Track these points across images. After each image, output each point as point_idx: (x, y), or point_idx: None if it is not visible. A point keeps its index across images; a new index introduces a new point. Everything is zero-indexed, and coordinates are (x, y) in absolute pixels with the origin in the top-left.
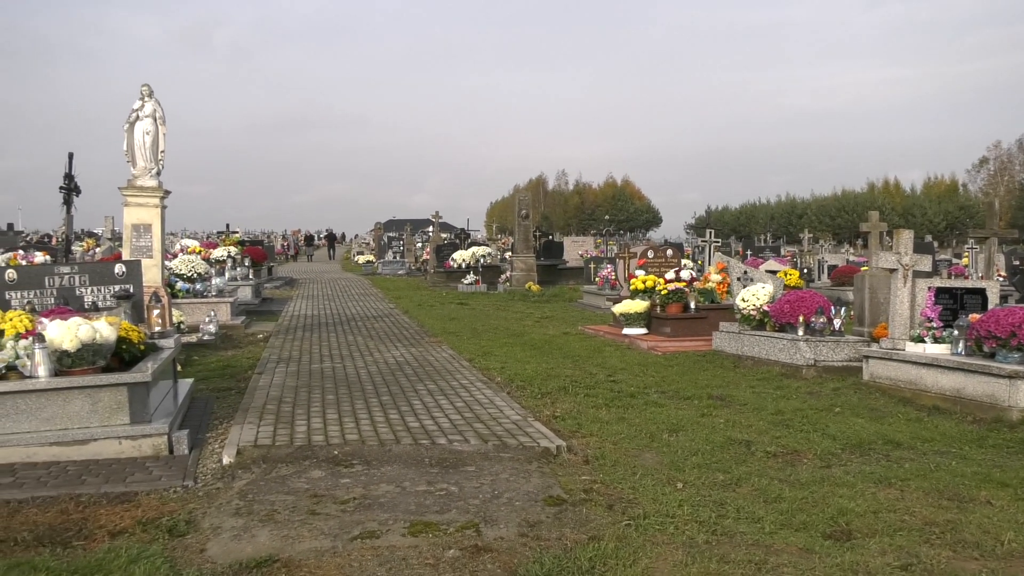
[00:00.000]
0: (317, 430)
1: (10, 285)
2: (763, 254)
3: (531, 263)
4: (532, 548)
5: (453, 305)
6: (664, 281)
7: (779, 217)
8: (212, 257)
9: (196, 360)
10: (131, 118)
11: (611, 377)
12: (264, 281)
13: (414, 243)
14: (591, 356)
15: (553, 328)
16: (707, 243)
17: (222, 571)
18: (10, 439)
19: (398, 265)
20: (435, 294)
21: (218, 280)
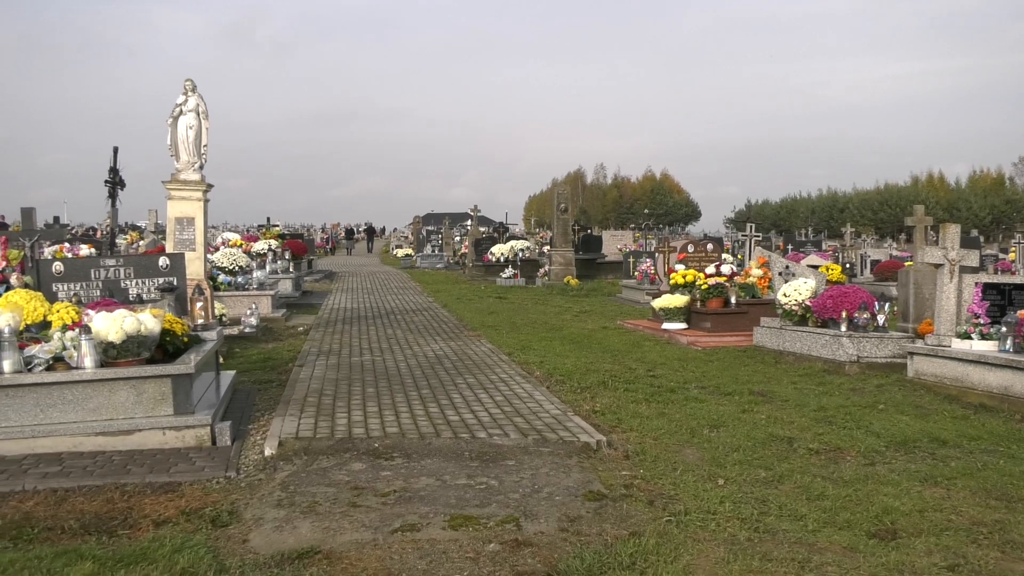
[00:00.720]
0: (357, 423)
1: (57, 277)
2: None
3: (569, 257)
4: (572, 543)
5: (491, 299)
6: (704, 276)
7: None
8: (253, 250)
9: (238, 352)
10: (175, 112)
11: (651, 372)
12: (304, 274)
13: (452, 237)
14: (630, 351)
15: (592, 322)
16: (747, 237)
17: (264, 562)
18: (57, 428)
19: (436, 259)
20: (473, 288)
21: (259, 273)
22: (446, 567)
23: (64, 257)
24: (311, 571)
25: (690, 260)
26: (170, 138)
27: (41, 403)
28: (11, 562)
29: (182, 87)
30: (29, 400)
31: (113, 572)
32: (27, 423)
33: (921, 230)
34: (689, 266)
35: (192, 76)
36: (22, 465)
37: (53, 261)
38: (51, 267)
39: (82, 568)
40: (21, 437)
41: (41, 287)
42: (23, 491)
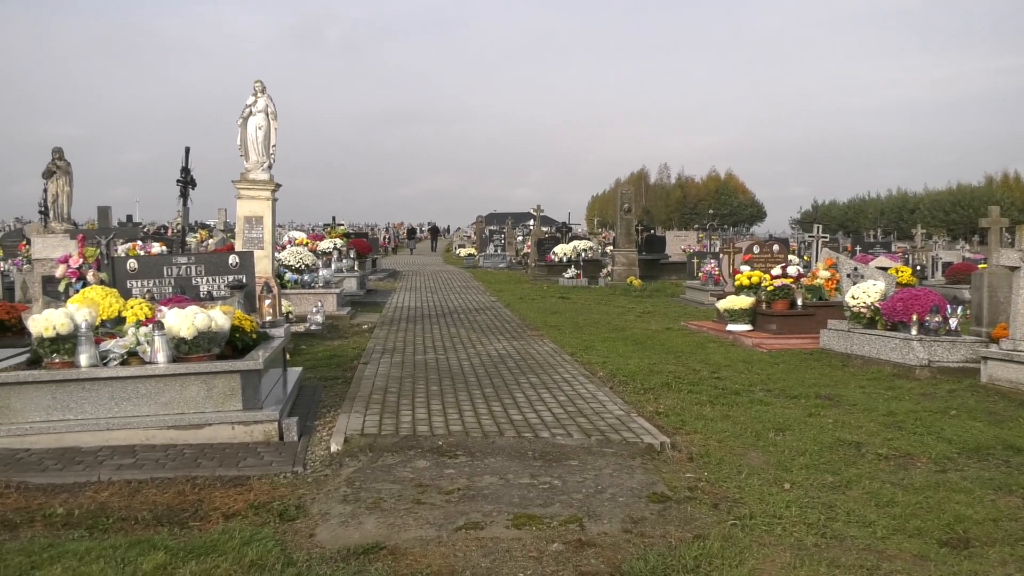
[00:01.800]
0: (422, 420)
1: (131, 274)
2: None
3: (633, 257)
4: (636, 545)
5: (554, 299)
6: (770, 277)
7: (889, 212)
8: (319, 249)
9: (304, 349)
10: (244, 113)
11: (715, 374)
12: (368, 273)
13: (515, 236)
14: (694, 352)
15: (655, 323)
16: (814, 238)
17: (331, 556)
18: (131, 422)
19: (499, 258)
20: (536, 287)
21: (325, 271)
22: (509, 566)
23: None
24: (376, 566)
25: (756, 261)
26: (240, 138)
27: (116, 396)
28: (87, 551)
29: (252, 88)
30: (104, 393)
31: (184, 563)
32: (102, 416)
33: (996, 232)
34: (754, 267)
35: (262, 77)
36: (98, 456)
37: (127, 259)
38: (126, 264)
39: (155, 558)
40: (97, 429)
41: (116, 284)
42: (99, 482)
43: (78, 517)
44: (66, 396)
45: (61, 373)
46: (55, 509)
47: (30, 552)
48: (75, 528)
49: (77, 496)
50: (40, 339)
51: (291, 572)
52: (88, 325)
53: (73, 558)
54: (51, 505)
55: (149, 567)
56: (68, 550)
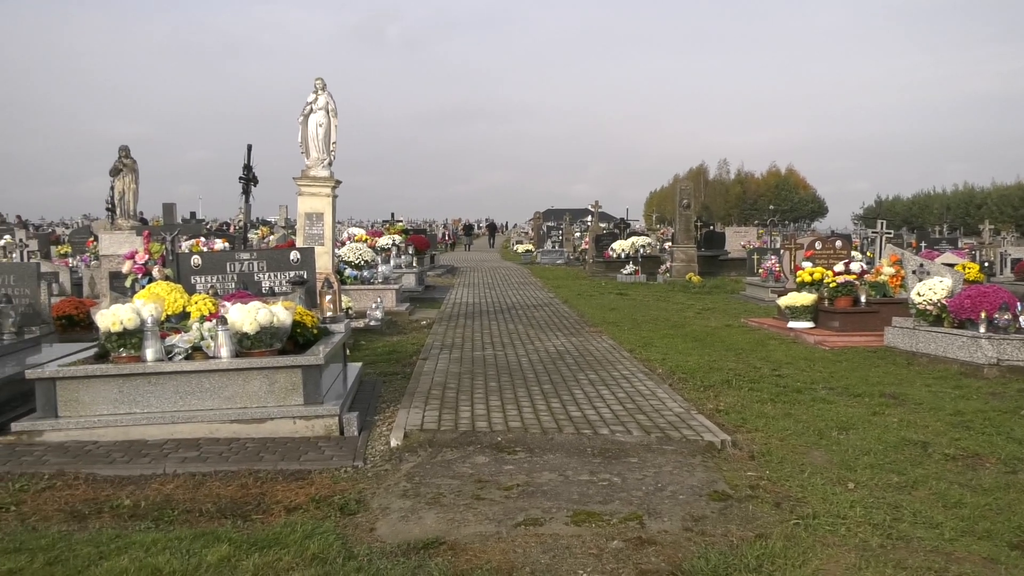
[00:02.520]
0: (480, 416)
1: (195, 270)
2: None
3: (692, 253)
4: (697, 543)
5: (612, 295)
6: (832, 273)
7: (955, 208)
8: (378, 245)
9: (363, 345)
10: (305, 111)
11: (776, 371)
12: (427, 269)
13: (572, 232)
14: (755, 349)
15: (715, 320)
16: (878, 234)
17: (391, 551)
18: (195, 415)
19: (557, 254)
20: (594, 284)
21: (384, 268)
22: (569, 562)
23: (200, 251)
24: (436, 561)
25: (817, 257)
26: (301, 135)
27: (180, 390)
28: (154, 542)
29: (312, 86)
30: (170, 387)
31: (248, 555)
32: (167, 409)
33: None
34: (816, 263)
35: (323, 75)
36: (163, 449)
37: (191, 255)
38: (190, 260)
39: (219, 550)
40: (162, 422)
41: (180, 279)
42: (164, 474)
43: (144, 509)
44: (132, 390)
45: (128, 367)
46: (122, 501)
47: (98, 543)
48: (141, 520)
49: (143, 488)
50: (108, 334)
51: (352, 566)
52: (154, 320)
53: (140, 549)
54: (118, 497)
55: (213, 559)
56: (135, 541)
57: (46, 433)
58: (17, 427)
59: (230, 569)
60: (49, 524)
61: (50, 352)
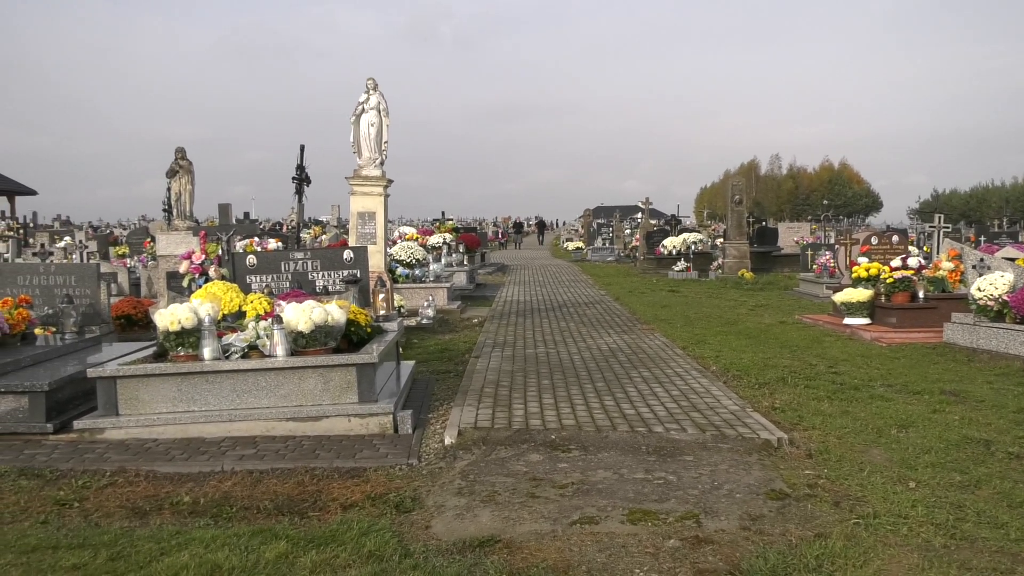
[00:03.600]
0: (534, 414)
1: (251, 270)
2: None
3: (744, 250)
4: (755, 542)
5: (664, 292)
6: (889, 269)
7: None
8: (428, 244)
9: (415, 343)
10: (357, 110)
11: (832, 368)
12: (477, 267)
13: (623, 229)
14: (810, 346)
15: (768, 316)
16: (935, 229)
17: (447, 548)
18: (252, 413)
19: (607, 252)
20: (645, 281)
21: (435, 266)
22: (625, 561)
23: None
24: (492, 560)
25: (873, 253)
26: (353, 135)
27: (237, 388)
28: (213, 538)
29: (364, 86)
30: (227, 385)
31: (305, 552)
32: (225, 407)
33: None
34: (872, 259)
35: (374, 74)
36: (220, 447)
37: (247, 254)
38: (245, 260)
39: (277, 547)
40: (219, 420)
41: (236, 279)
42: (222, 472)
43: (203, 505)
44: (190, 388)
45: (186, 366)
46: (182, 497)
47: (159, 539)
48: (201, 516)
49: (202, 485)
50: (166, 333)
51: (408, 563)
52: (211, 319)
53: (199, 545)
54: (178, 493)
55: (271, 556)
56: (194, 537)
57: (107, 431)
58: (79, 425)
59: (288, 566)
60: (111, 520)
61: (110, 351)
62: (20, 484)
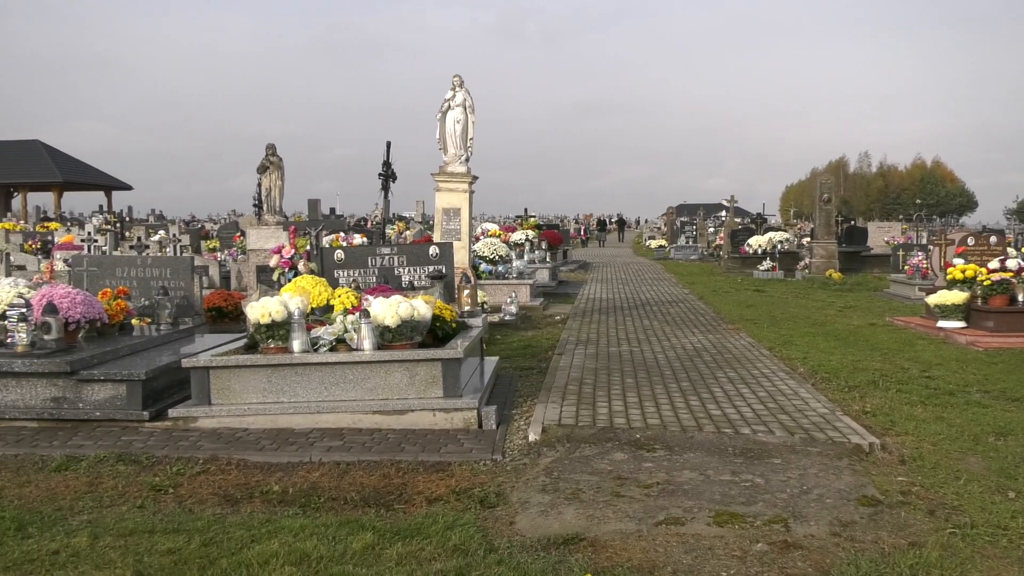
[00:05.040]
0: (618, 412)
1: (338, 264)
2: None
3: (832, 249)
4: (846, 549)
5: (749, 291)
6: (987, 271)
7: None
8: (511, 240)
9: (498, 339)
10: (443, 108)
11: (925, 373)
12: (560, 264)
13: (706, 228)
14: (901, 349)
15: (857, 318)
16: None
17: (531, 545)
18: (339, 405)
19: (690, 250)
20: (729, 280)
21: (518, 263)
22: (712, 564)
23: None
24: (576, 557)
25: (970, 254)
26: (439, 132)
27: (325, 381)
28: (301, 528)
29: (450, 83)
30: (315, 378)
31: (391, 544)
32: (313, 399)
33: None
34: (968, 260)
35: (460, 71)
36: (309, 438)
37: (335, 249)
38: (333, 255)
39: (363, 538)
40: (308, 412)
41: (324, 273)
42: (310, 462)
43: (292, 495)
44: (280, 380)
45: (276, 358)
46: (271, 487)
47: (250, 526)
48: (290, 505)
49: (291, 475)
50: (257, 325)
51: (493, 559)
52: (300, 313)
53: (288, 534)
54: (268, 483)
55: (358, 547)
56: (284, 526)
57: (200, 419)
58: (174, 413)
59: (374, 557)
60: (204, 507)
61: (202, 342)
62: (118, 469)
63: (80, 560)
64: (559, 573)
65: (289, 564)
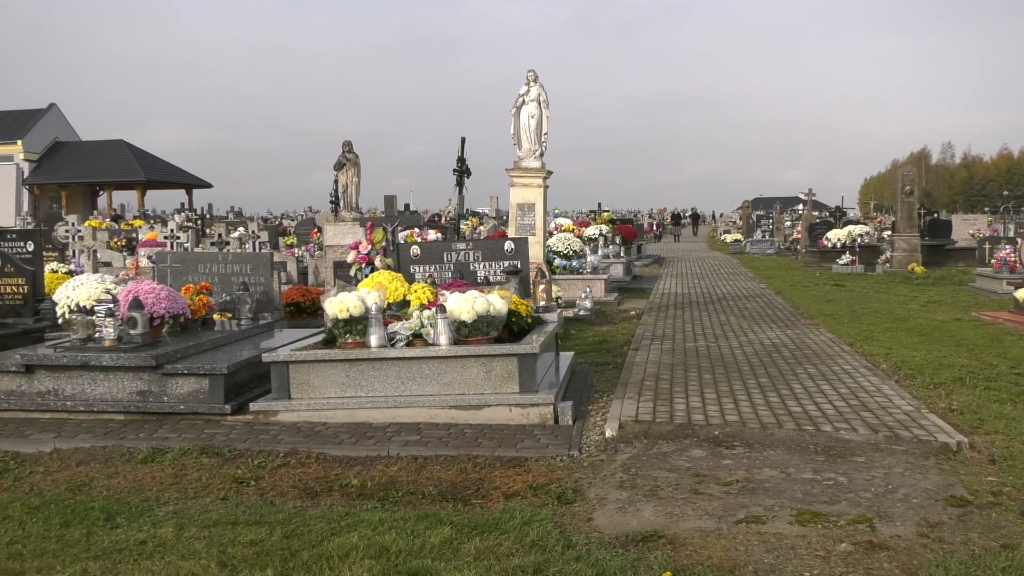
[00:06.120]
0: (696, 409)
1: (414, 260)
2: None
3: (915, 243)
4: (934, 551)
5: (828, 286)
6: None
7: None
8: (585, 235)
9: (573, 334)
10: (517, 103)
11: (1015, 369)
12: (634, 259)
13: (783, 221)
14: (989, 345)
15: (942, 313)
16: None
17: (609, 541)
18: (416, 400)
19: (767, 244)
20: (807, 274)
21: (592, 257)
22: (794, 563)
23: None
24: (655, 555)
25: None
26: (513, 127)
27: (402, 376)
28: (380, 521)
29: (524, 78)
30: (392, 373)
31: (469, 539)
32: (390, 394)
33: None
34: None
35: (534, 66)
36: (386, 432)
37: (411, 245)
38: (409, 250)
39: (441, 532)
40: (385, 407)
41: (400, 268)
42: (388, 456)
43: (371, 489)
44: (358, 374)
45: (354, 352)
46: (350, 480)
47: (329, 519)
48: (368, 499)
49: (369, 469)
50: (335, 320)
51: (571, 555)
52: (378, 308)
53: (367, 527)
54: (346, 476)
55: (436, 541)
56: (363, 519)
57: (280, 413)
58: (255, 407)
59: (452, 551)
60: (285, 499)
61: (281, 337)
62: (202, 461)
63: (166, 550)
64: (638, 571)
65: (369, 557)
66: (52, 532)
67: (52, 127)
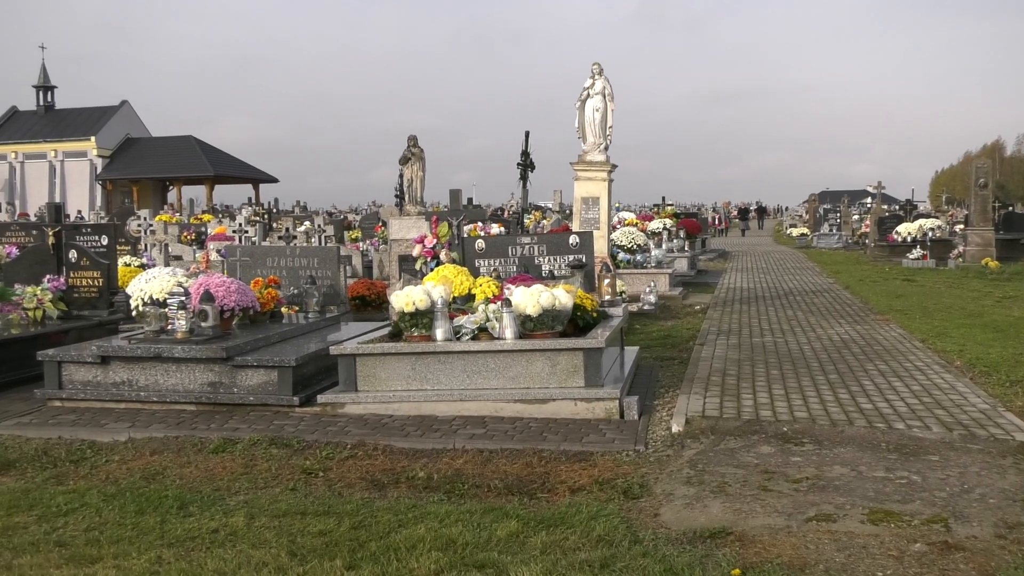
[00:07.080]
0: (764, 405)
1: (479, 254)
2: None
3: (988, 237)
4: (1012, 553)
5: (898, 281)
6: None
7: None
8: (648, 229)
9: (637, 329)
10: (582, 96)
11: None
12: (698, 253)
13: (850, 215)
14: None
15: (1018, 309)
16: None
17: (676, 537)
18: (481, 394)
19: (834, 238)
20: (876, 269)
21: (656, 252)
22: (866, 563)
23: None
24: (723, 552)
25: None
26: (577, 121)
27: (468, 369)
28: (447, 514)
29: (589, 71)
30: (458, 366)
31: (535, 532)
32: (455, 387)
33: None
34: None
35: (599, 59)
36: (452, 425)
37: (476, 239)
38: (474, 244)
39: (508, 526)
40: (451, 400)
41: (465, 262)
42: (454, 449)
43: (437, 481)
44: (424, 368)
45: (420, 346)
46: (417, 472)
47: (397, 511)
48: (435, 491)
49: (435, 461)
50: (401, 314)
51: (637, 550)
52: (443, 302)
53: (434, 520)
54: (413, 469)
55: (503, 534)
56: (429, 512)
57: (347, 405)
58: (322, 399)
59: (519, 545)
60: (352, 491)
61: (348, 330)
62: (271, 452)
63: (238, 539)
64: (706, 567)
65: (436, 549)
66: (127, 519)
67: (124, 124)
